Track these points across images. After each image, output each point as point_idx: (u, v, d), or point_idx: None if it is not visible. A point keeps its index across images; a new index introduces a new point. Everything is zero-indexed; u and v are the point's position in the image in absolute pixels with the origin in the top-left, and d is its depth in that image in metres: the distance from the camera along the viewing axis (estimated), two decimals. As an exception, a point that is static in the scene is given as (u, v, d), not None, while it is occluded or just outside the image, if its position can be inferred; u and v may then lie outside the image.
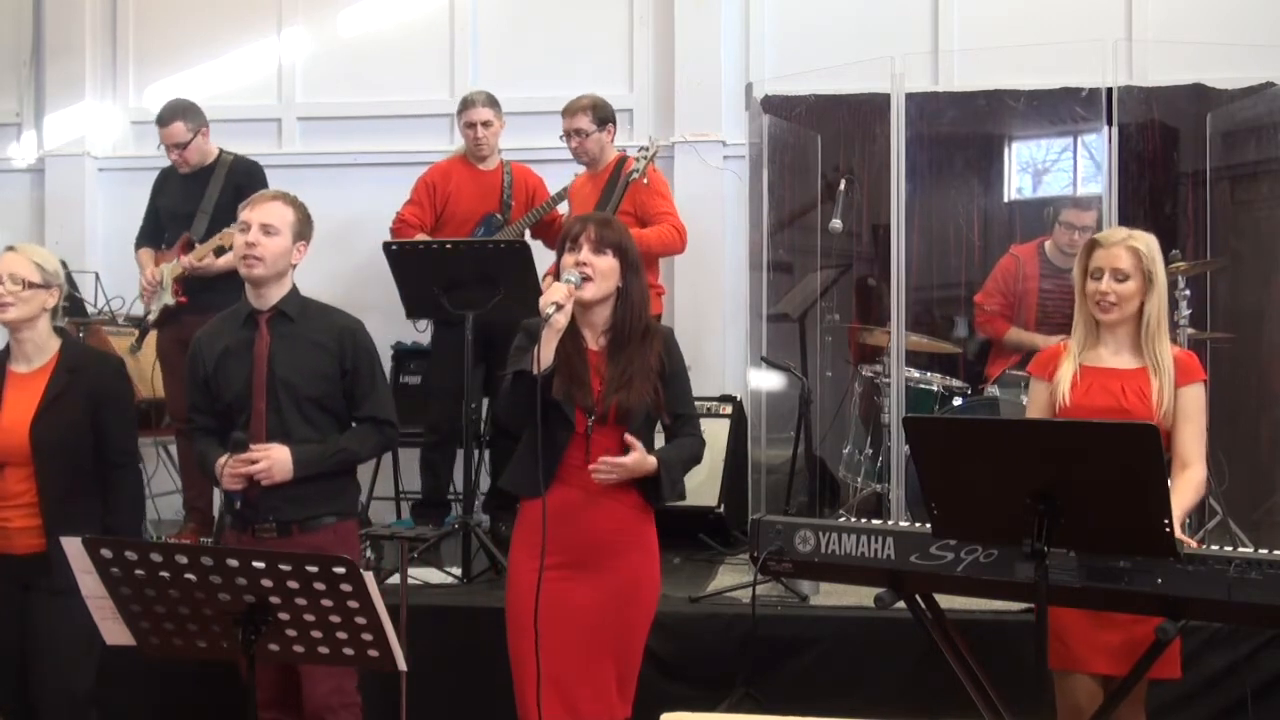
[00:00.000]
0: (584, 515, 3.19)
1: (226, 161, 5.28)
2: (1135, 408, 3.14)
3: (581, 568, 3.19)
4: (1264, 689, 3.91)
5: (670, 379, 3.27)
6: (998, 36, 5.94)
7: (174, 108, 5.29)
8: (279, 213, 3.46)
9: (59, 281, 3.62)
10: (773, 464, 5.46)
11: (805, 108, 5.98)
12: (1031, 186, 6.32)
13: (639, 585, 3.25)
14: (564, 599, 3.16)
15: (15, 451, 3.49)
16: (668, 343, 3.31)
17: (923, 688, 3.87)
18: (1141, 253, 3.15)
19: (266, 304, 3.47)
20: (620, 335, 3.24)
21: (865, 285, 6.29)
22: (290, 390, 3.41)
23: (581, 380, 3.19)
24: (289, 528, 3.42)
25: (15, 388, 3.56)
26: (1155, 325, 3.17)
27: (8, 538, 3.52)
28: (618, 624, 3.21)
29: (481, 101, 5.39)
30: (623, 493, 3.22)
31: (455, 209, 5.42)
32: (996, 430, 3.08)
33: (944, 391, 5.23)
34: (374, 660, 2.62)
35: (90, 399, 3.55)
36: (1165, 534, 2.64)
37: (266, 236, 3.41)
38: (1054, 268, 5.36)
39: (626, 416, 3.18)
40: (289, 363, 3.42)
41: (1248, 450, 5.27)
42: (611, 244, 3.23)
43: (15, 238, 6.58)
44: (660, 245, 5.05)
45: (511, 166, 5.52)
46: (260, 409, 3.40)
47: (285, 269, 3.48)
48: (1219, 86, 5.76)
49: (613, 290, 3.24)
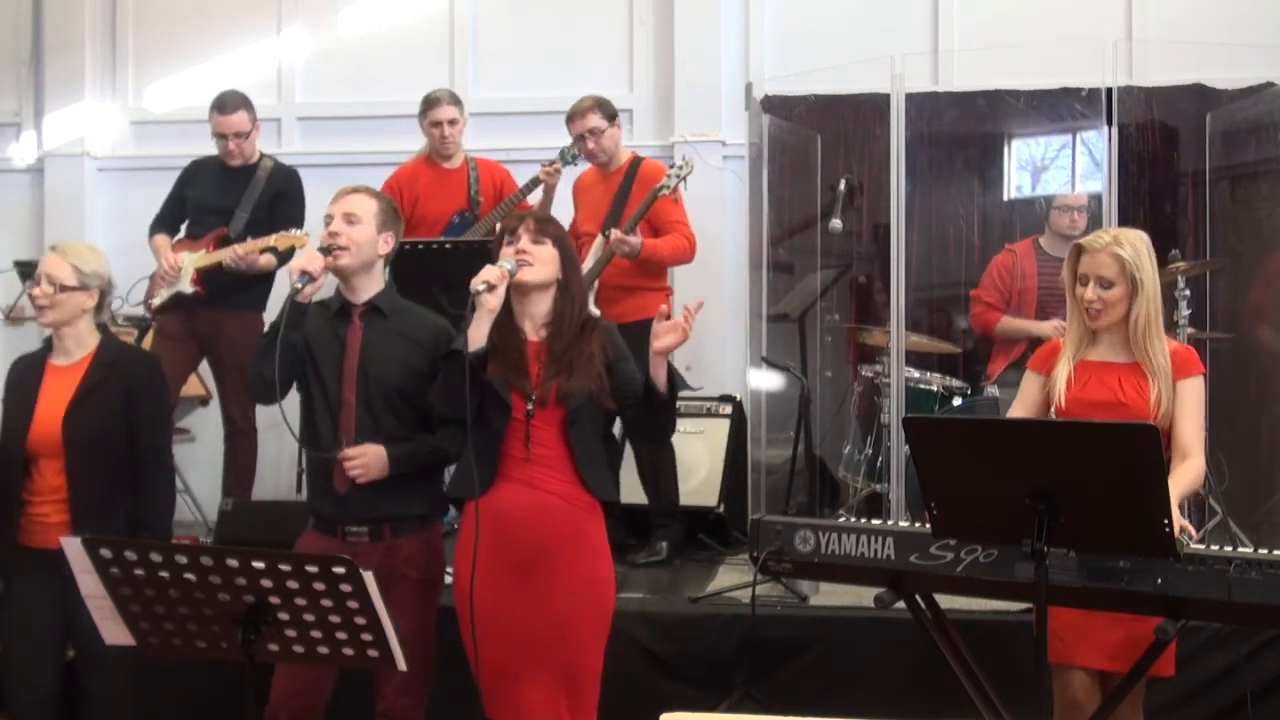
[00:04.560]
0: (528, 514, 3.12)
1: (268, 166, 5.28)
2: (1133, 401, 3.14)
3: (524, 570, 3.12)
4: (1264, 689, 3.91)
5: (615, 364, 3.22)
6: (998, 36, 5.94)
7: (240, 97, 5.25)
8: (362, 203, 3.42)
9: (99, 282, 3.60)
10: (773, 464, 5.45)
11: (805, 108, 5.99)
12: (1031, 186, 6.32)
13: (588, 587, 3.17)
14: (506, 602, 3.11)
15: (49, 444, 3.51)
16: (610, 334, 3.29)
17: (923, 688, 3.87)
18: (1125, 260, 3.14)
19: (359, 298, 3.42)
20: (559, 327, 3.22)
21: (864, 285, 6.28)
22: (381, 384, 3.35)
23: (519, 366, 3.15)
24: (381, 529, 3.34)
25: (53, 381, 3.58)
26: (1144, 328, 3.16)
27: (45, 532, 3.51)
28: (565, 630, 3.12)
29: (447, 100, 5.35)
30: (569, 489, 3.16)
31: (425, 211, 5.37)
32: (996, 430, 3.08)
33: (944, 391, 5.23)
34: (374, 660, 2.62)
35: (125, 394, 3.55)
36: (1165, 534, 2.64)
37: (349, 225, 3.37)
38: (1051, 260, 5.37)
39: (567, 399, 3.13)
40: (381, 357, 3.37)
41: (1248, 450, 5.27)
42: (550, 235, 3.22)
43: (15, 238, 6.64)
44: (672, 255, 5.03)
45: (476, 162, 5.47)
46: (350, 400, 3.34)
47: (373, 259, 3.41)
48: (1219, 86, 5.76)
49: (552, 279, 3.22)
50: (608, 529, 3.29)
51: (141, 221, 5.44)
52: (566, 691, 3.14)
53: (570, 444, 3.16)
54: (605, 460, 3.29)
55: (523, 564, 3.12)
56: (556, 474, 3.16)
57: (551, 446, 3.16)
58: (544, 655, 3.11)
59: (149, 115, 6.78)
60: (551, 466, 3.16)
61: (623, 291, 4.96)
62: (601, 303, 4.90)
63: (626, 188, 5.06)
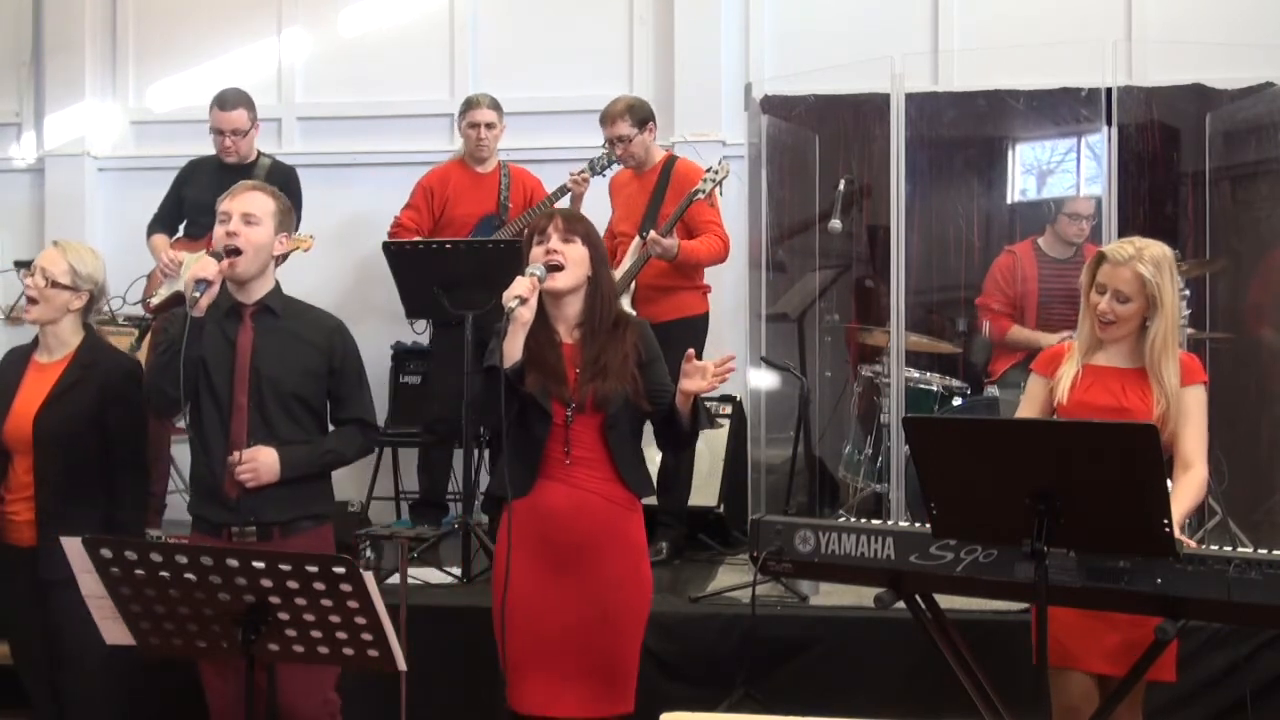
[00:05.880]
0: (569, 513, 3.18)
1: (266, 164, 5.28)
2: (1135, 406, 3.14)
3: (565, 566, 3.18)
4: (1264, 690, 3.91)
5: (648, 365, 3.25)
6: (998, 36, 5.94)
7: (240, 95, 5.26)
8: (260, 202, 3.36)
9: (90, 285, 3.61)
10: (772, 464, 5.46)
11: (805, 108, 5.99)
12: (1036, 188, 6.31)
13: (626, 582, 3.24)
14: (548, 597, 3.16)
15: (21, 440, 3.51)
16: (642, 332, 3.30)
17: (923, 688, 3.87)
18: (1147, 279, 3.11)
19: (250, 298, 3.36)
20: (592, 326, 3.23)
21: (863, 285, 6.28)
22: (274, 385, 3.31)
23: (556, 372, 3.17)
24: (269, 531, 3.31)
25: (33, 377, 3.59)
26: (1161, 346, 3.13)
27: (18, 530, 3.53)
28: (606, 621, 3.19)
29: (486, 104, 5.43)
30: (608, 488, 3.21)
31: (454, 212, 5.43)
32: (996, 430, 3.08)
33: (944, 391, 5.23)
34: (374, 660, 2.62)
35: (99, 396, 3.55)
36: (1164, 534, 2.64)
37: (248, 226, 3.31)
38: (1052, 261, 5.38)
39: (604, 403, 3.17)
40: (274, 358, 3.32)
41: (1248, 450, 5.26)
42: (580, 233, 3.22)
43: (15, 238, 6.64)
44: (709, 256, 5.07)
45: (509, 168, 5.53)
46: (242, 403, 3.29)
47: (268, 262, 3.37)
48: (1219, 86, 5.76)
49: (584, 279, 3.22)
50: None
51: (141, 221, 5.45)
52: (605, 682, 3.20)
53: (609, 445, 3.21)
54: (643, 458, 3.34)
55: (564, 560, 3.18)
56: (595, 473, 3.21)
57: (590, 448, 3.20)
58: (584, 647, 3.17)
59: (149, 115, 6.78)
60: (590, 466, 3.21)
61: (659, 291, 5.01)
62: (639, 302, 4.96)
63: (661, 188, 5.10)
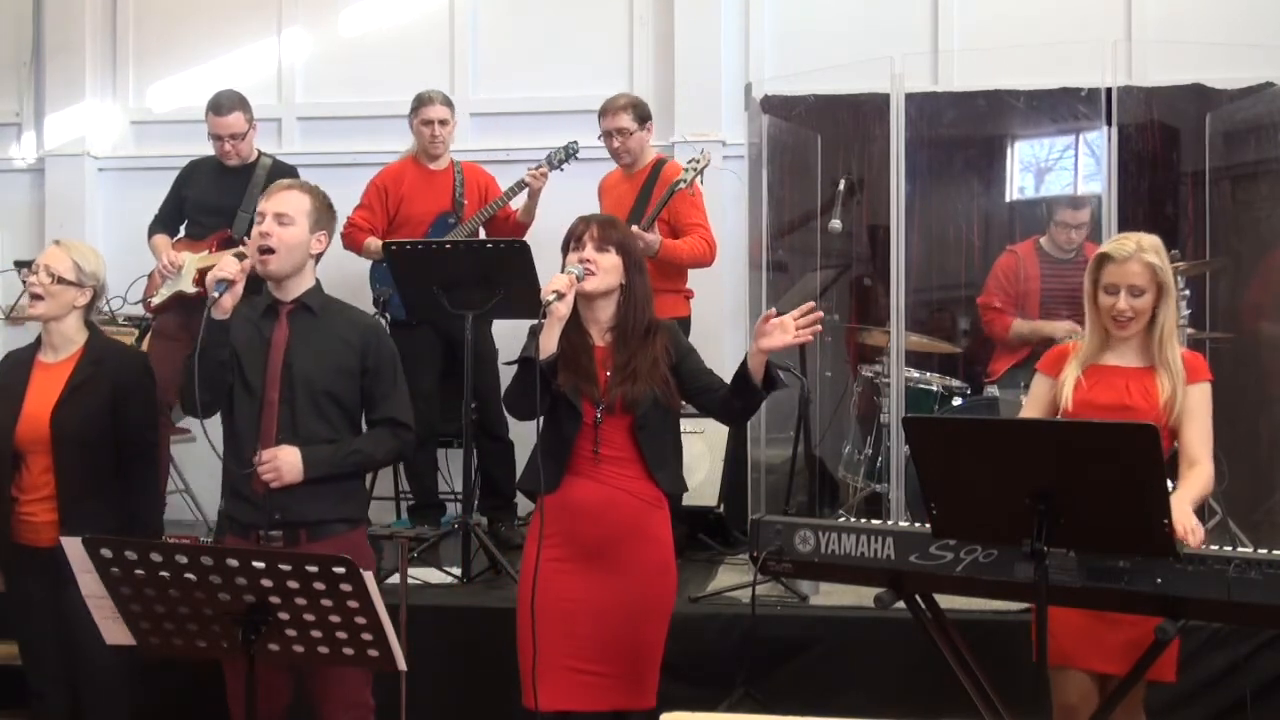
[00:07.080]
0: (597, 508, 3.24)
1: (266, 164, 5.27)
2: (1139, 405, 3.14)
3: (592, 560, 3.24)
4: (1264, 689, 3.91)
5: (681, 362, 3.33)
6: (998, 36, 5.93)
7: (235, 98, 5.23)
8: (295, 201, 3.32)
9: (94, 282, 3.63)
10: (772, 464, 5.45)
11: (805, 108, 5.98)
12: (1035, 188, 6.31)
13: (652, 576, 3.30)
14: (574, 590, 3.22)
15: (37, 440, 3.51)
16: (673, 335, 3.36)
17: (923, 688, 3.87)
18: (1156, 267, 3.15)
19: (288, 296, 3.34)
20: (625, 331, 3.30)
21: (863, 285, 6.28)
22: (307, 383, 3.29)
23: (588, 373, 3.25)
24: (296, 533, 3.28)
25: (40, 378, 3.58)
26: (1168, 332, 3.18)
27: (35, 531, 3.52)
28: (631, 615, 3.24)
29: (439, 100, 5.38)
30: (636, 485, 3.27)
31: (409, 211, 5.38)
32: (996, 430, 3.08)
33: (944, 391, 5.23)
34: (374, 660, 2.63)
35: (112, 391, 3.55)
36: (1165, 534, 2.64)
37: (281, 226, 3.28)
38: (1053, 261, 5.37)
39: (633, 405, 3.23)
40: (307, 356, 3.30)
41: (1248, 450, 5.26)
42: (614, 242, 3.28)
43: (15, 238, 6.64)
44: (690, 258, 5.06)
45: (462, 165, 5.48)
46: (273, 399, 3.28)
47: (303, 261, 3.34)
48: (1219, 86, 5.75)
49: (616, 286, 3.29)
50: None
51: (142, 221, 5.44)
52: (629, 674, 3.24)
53: (639, 444, 3.28)
54: (672, 456, 3.39)
55: (591, 554, 3.25)
56: (624, 470, 3.28)
57: (620, 448, 3.28)
58: (609, 639, 3.22)
59: (149, 115, 6.77)
60: (620, 465, 3.28)
61: None
62: None
63: (649, 188, 5.10)
